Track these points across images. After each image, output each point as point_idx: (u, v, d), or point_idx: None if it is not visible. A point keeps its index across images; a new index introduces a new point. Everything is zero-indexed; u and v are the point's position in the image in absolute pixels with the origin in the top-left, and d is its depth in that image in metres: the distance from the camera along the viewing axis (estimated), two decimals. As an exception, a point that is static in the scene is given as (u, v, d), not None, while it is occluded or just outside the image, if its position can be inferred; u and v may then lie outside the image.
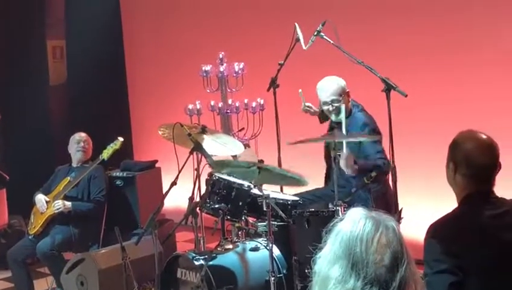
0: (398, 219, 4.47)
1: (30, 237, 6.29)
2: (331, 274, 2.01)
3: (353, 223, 2.03)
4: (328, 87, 5.31)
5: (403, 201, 5.13)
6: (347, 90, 5.34)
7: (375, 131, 5.22)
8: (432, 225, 2.95)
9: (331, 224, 2.09)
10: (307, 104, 5.65)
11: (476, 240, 2.87)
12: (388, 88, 4.98)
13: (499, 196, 3.02)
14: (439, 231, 2.90)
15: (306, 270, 4.64)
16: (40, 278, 6.45)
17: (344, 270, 1.99)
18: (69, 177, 6.38)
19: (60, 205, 6.17)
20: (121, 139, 6.45)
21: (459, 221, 2.94)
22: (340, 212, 4.61)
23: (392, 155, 4.99)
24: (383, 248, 1.98)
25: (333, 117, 5.36)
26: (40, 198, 6.33)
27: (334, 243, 2.04)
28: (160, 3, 9.28)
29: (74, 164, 6.59)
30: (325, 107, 5.33)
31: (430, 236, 2.90)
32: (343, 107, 5.12)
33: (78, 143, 6.55)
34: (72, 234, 6.19)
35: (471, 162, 2.97)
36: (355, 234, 2.00)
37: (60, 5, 9.32)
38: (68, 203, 6.21)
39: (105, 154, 6.37)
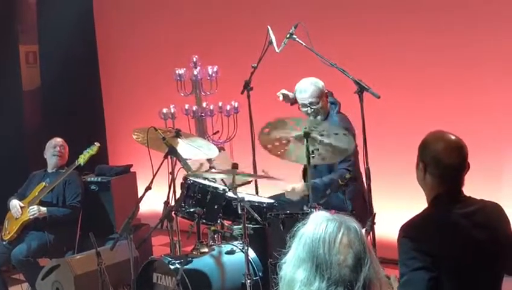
0: (372, 224, 4.48)
1: (4, 243, 6.24)
2: (296, 277, 2.05)
3: (315, 226, 2.08)
4: (306, 89, 5.33)
5: (377, 201, 5.17)
6: (326, 91, 5.37)
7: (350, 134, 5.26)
8: (403, 225, 2.97)
9: (295, 229, 2.13)
10: (283, 91, 5.65)
11: (447, 240, 2.89)
12: (361, 90, 5.02)
13: (468, 195, 3.05)
14: (410, 231, 2.93)
15: (272, 276, 4.67)
16: (16, 285, 6.42)
17: (308, 273, 2.02)
18: (44, 183, 6.34)
19: (35, 210, 6.14)
20: (97, 144, 6.45)
21: (429, 221, 2.96)
22: (314, 214, 4.62)
23: (366, 156, 5.03)
24: (345, 248, 2.02)
25: (312, 119, 5.39)
26: (15, 204, 6.29)
27: (298, 247, 2.08)
28: (134, 8, 9.25)
29: (49, 169, 6.57)
30: (304, 109, 5.36)
31: (402, 236, 2.92)
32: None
33: (54, 148, 6.53)
34: (47, 239, 6.16)
35: (440, 162, 3.00)
36: (318, 236, 2.04)
37: (32, 10, 9.26)
38: (43, 209, 6.18)
39: (82, 159, 6.36)
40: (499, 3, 6.19)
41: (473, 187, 3.13)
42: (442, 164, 3.00)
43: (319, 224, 2.07)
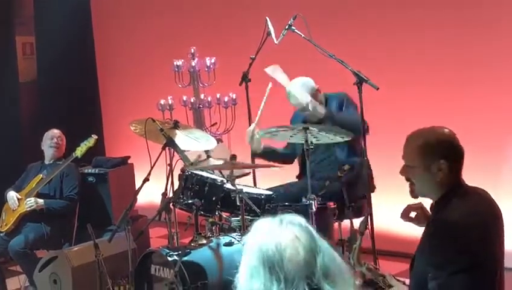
0: (366, 225, 4.45)
1: (2, 235, 6.24)
2: (253, 288, 1.96)
3: (257, 231, 2.03)
4: (297, 94, 5.33)
5: (376, 194, 5.16)
6: (316, 87, 5.36)
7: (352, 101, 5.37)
8: (430, 228, 2.91)
9: (242, 242, 2.06)
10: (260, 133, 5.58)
11: (479, 234, 2.84)
12: (360, 81, 5.02)
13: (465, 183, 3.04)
14: (443, 232, 2.84)
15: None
16: (13, 277, 6.39)
17: (264, 278, 1.95)
18: (41, 175, 6.33)
19: (32, 202, 6.13)
20: (94, 136, 6.44)
21: (458, 219, 2.87)
22: (313, 205, 4.61)
23: (365, 148, 5.02)
24: (293, 241, 1.96)
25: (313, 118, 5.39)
26: (12, 195, 6.28)
27: (246, 257, 2.02)
28: (131, -1, 9.23)
29: (47, 161, 6.55)
30: (303, 112, 5.38)
31: (436, 238, 2.84)
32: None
33: (51, 139, 6.52)
34: (45, 231, 6.15)
35: (458, 150, 2.99)
36: (262, 238, 1.99)
37: (29, 1, 9.23)
38: (40, 201, 6.17)
39: (79, 151, 6.34)
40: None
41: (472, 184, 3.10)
42: (460, 152, 2.99)
43: (260, 228, 2.03)
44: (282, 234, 1.97)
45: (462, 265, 2.75)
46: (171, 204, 5.02)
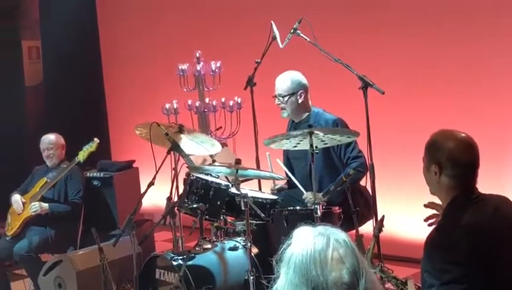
0: (380, 228, 4.43)
1: (8, 239, 6.23)
2: None
3: (302, 244, 1.94)
4: (280, 81, 5.36)
5: (381, 198, 5.14)
6: (301, 90, 5.31)
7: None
8: (430, 234, 2.87)
9: (280, 251, 1.99)
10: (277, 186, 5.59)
11: (477, 246, 2.79)
12: (365, 85, 5.00)
13: (480, 192, 2.96)
14: (438, 240, 2.82)
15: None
16: (18, 280, 6.39)
17: None
18: (45, 178, 6.32)
19: (36, 207, 6.10)
20: (96, 140, 6.33)
21: (456, 229, 2.84)
22: (318, 210, 4.59)
23: (370, 153, 5.01)
24: (338, 264, 1.89)
25: (282, 113, 5.40)
26: (17, 199, 6.26)
27: (288, 272, 1.93)
28: (137, 3, 9.23)
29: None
30: (276, 101, 5.38)
31: (431, 246, 2.82)
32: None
33: (43, 151, 6.43)
34: (49, 235, 6.14)
35: (457, 161, 2.90)
36: (307, 256, 1.90)
37: (35, 5, 9.25)
38: (45, 205, 6.15)
39: (81, 156, 6.26)
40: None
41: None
42: (459, 163, 2.91)
43: (305, 242, 1.94)
44: (328, 254, 1.90)
45: (454, 275, 2.71)
46: (176, 208, 5.02)
